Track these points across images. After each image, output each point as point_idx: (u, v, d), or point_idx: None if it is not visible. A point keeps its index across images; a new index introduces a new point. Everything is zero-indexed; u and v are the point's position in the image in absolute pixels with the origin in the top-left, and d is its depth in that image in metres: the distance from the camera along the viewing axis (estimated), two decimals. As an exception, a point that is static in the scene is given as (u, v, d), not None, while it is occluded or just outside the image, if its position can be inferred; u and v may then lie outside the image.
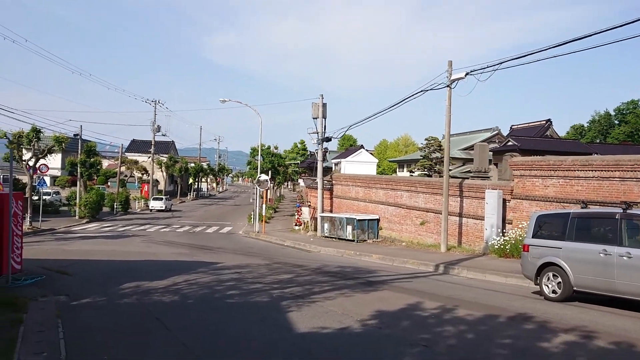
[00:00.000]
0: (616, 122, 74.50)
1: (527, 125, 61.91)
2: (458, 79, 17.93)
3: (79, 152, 37.68)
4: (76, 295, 10.19)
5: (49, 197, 42.87)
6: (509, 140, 49.97)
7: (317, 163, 29.08)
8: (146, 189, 61.19)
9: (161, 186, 68.55)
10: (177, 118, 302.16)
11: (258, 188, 31.96)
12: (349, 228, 24.80)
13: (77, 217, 35.91)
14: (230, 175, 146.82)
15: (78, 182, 38.36)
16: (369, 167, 78.91)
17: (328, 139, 27.72)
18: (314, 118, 28.47)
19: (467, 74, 17.29)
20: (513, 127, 62.63)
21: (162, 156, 65.66)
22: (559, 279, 9.94)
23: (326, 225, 26.69)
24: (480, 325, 7.77)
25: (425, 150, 56.14)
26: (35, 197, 35.43)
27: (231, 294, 10.28)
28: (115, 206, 43.43)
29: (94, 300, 9.80)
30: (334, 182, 29.72)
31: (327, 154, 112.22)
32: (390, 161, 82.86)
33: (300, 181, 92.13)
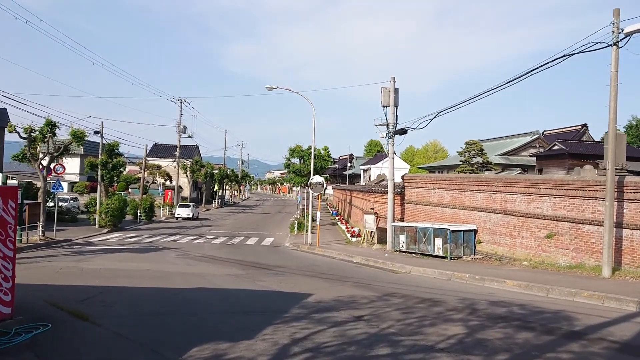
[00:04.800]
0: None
1: (561, 130, 56.21)
2: (635, 32, 12.64)
3: (100, 151, 32.98)
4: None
5: (66, 203, 38.34)
6: (554, 145, 44.35)
7: (387, 161, 23.92)
8: (170, 196, 56.65)
9: (185, 193, 64.01)
10: (200, 122, 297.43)
11: (311, 192, 26.90)
12: (438, 241, 19.53)
13: (97, 226, 31.17)
14: (250, 182, 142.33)
15: (98, 187, 33.64)
16: (400, 173, 73.47)
17: (403, 131, 22.53)
18: (383, 106, 23.38)
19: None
20: (546, 132, 57.00)
21: (187, 161, 61.09)
22: None
23: (402, 238, 21.44)
24: None
25: (465, 155, 51.22)
26: (50, 204, 30.88)
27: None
28: (139, 214, 38.69)
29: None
30: (406, 184, 24.48)
31: (354, 160, 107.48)
32: (420, 168, 77.22)
33: (330, 188, 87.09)
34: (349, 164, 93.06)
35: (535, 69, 15.18)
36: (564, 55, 14.43)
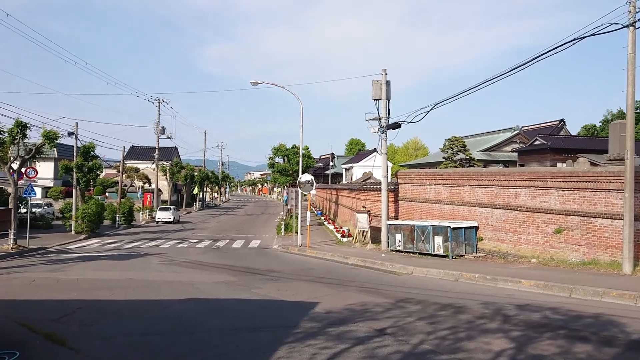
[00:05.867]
0: (631, 121, 69.01)
1: (538, 126, 56.19)
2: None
3: (75, 154, 31.29)
4: None
5: (40, 209, 36.41)
6: (535, 140, 43.96)
7: (379, 157, 22.86)
8: (149, 200, 54.87)
9: (165, 196, 62.22)
10: (178, 123, 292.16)
11: (300, 191, 25.75)
12: (438, 240, 18.57)
13: (73, 232, 29.53)
14: (230, 184, 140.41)
15: (74, 191, 31.96)
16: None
17: (397, 125, 21.52)
18: (374, 100, 22.35)
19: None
20: (524, 128, 56.81)
21: (166, 163, 59.27)
22: None
23: (398, 237, 20.45)
24: None
25: (447, 152, 50.65)
26: (23, 210, 29.12)
27: None
28: (117, 218, 37.02)
29: None
30: (400, 181, 23.48)
31: (336, 159, 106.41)
32: (402, 165, 76.61)
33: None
34: (331, 163, 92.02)
35: (543, 54, 14.30)
36: (574, 39, 13.59)
